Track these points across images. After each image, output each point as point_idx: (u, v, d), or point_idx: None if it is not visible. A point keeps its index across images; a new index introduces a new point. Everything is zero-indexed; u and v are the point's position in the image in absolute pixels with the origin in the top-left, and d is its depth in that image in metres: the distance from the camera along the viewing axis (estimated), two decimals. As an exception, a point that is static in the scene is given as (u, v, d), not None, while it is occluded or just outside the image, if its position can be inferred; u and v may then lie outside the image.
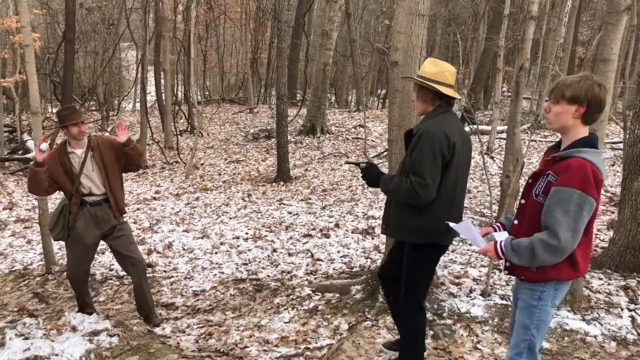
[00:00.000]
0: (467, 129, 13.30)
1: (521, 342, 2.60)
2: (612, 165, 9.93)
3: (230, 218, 8.25)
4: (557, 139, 2.64)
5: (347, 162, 3.61)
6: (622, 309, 4.22)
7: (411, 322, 3.32)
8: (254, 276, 5.64)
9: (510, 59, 21.58)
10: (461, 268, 5.30)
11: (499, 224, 2.79)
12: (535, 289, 2.55)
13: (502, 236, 2.58)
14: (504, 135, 10.29)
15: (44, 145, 4.03)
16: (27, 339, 3.52)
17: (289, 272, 5.71)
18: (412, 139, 3.07)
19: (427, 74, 3.07)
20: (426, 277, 3.32)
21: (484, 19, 19.10)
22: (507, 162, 6.51)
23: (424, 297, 3.43)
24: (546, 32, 15.49)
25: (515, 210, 2.68)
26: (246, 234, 7.27)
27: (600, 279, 4.81)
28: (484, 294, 4.59)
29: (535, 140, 12.30)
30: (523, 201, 2.60)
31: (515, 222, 2.63)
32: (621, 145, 10.04)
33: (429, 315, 4.22)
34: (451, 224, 2.71)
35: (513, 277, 4.93)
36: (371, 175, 3.22)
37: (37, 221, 6.57)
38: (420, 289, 3.31)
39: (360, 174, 3.29)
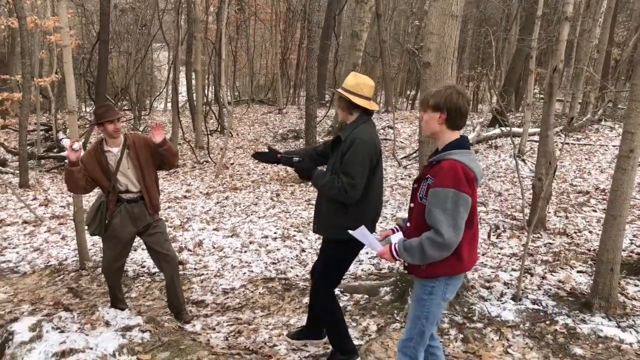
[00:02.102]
0: (498, 130, 13.16)
1: (412, 330, 2.80)
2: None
3: (259, 217, 8.31)
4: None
5: (257, 155, 3.68)
6: (658, 317, 4.12)
7: (326, 308, 3.58)
8: (282, 275, 5.67)
9: (542, 61, 21.24)
10: (492, 272, 5.25)
11: (397, 226, 2.95)
12: (427, 285, 2.73)
13: (397, 238, 2.75)
14: (535, 138, 10.14)
15: (77, 145, 4.08)
16: (62, 332, 3.60)
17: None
18: (339, 144, 3.34)
19: (347, 86, 3.34)
20: (343, 270, 3.60)
21: (516, 20, 18.84)
22: (540, 165, 6.43)
23: (336, 285, 3.68)
24: (580, 33, 15.19)
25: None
26: (275, 233, 7.31)
27: (636, 285, 4.70)
28: (515, 298, 4.53)
29: (568, 143, 12.09)
30: (412, 205, 2.78)
31: (408, 224, 2.83)
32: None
33: (458, 319, 4.19)
34: (350, 231, 2.85)
35: (544, 282, 4.87)
36: (304, 169, 3.48)
37: (72, 218, 6.71)
38: (334, 280, 3.59)
39: (294, 168, 3.57)
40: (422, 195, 2.68)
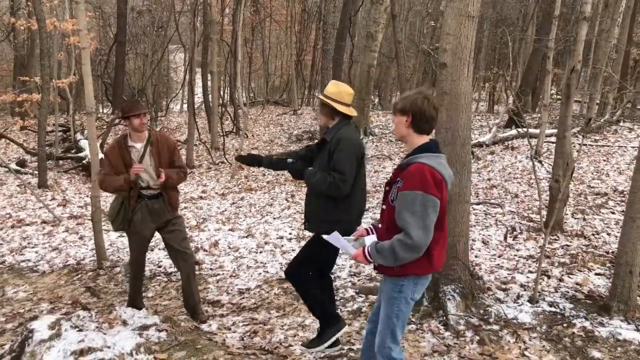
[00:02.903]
0: (514, 131, 13.06)
1: (385, 329, 2.85)
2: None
3: (274, 218, 8.34)
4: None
5: (237, 159, 4.10)
6: (678, 320, 4.07)
7: (302, 285, 3.83)
8: (298, 276, 5.68)
9: (559, 61, 21.03)
10: (508, 274, 5.21)
11: (371, 227, 3.02)
12: (397, 283, 2.80)
13: (371, 240, 2.83)
14: (552, 139, 10.04)
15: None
16: (81, 330, 3.64)
17: (332, 273, 5.72)
18: (324, 146, 3.62)
19: (329, 94, 3.64)
20: (323, 261, 3.82)
21: (532, 20, 18.67)
22: (557, 167, 6.38)
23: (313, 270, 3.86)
24: (599, 32, 15.01)
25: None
26: (290, 234, 7.33)
27: (655, 288, 4.64)
28: (532, 300, 4.50)
29: (586, 145, 11.95)
30: (384, 206, 2.86)
31: (380, 225, 2.91)
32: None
33: (474, 321, 4.17)
34: (324, 236, 2.97)
35: (561, 285, 4.83)
36: (297, 170, 3.73)
37: (90, 218, 6.79)
38: (312, 267, 3.81)
39: (287, 170, 3.82)
40: (393, 198, 2.74)
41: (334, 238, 2.95)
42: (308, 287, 3.84)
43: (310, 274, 3.83)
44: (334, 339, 3.80)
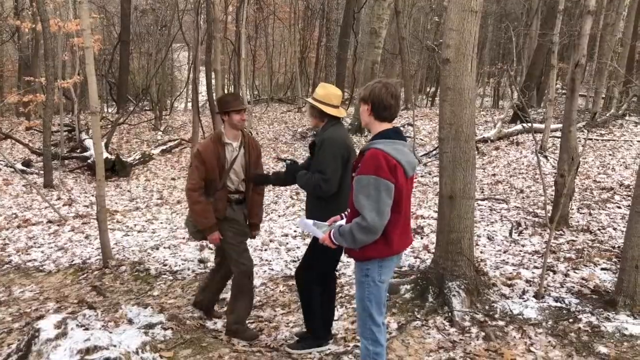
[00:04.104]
0: (519, 127, 13.01)
1: (362, 313, 2.99)
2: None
3: (279, 216, 8.34)
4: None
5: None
6: (685, 315, 4.05)
7: (303, 292, 3.93)
8: (303, 274, 5.68)
9: (564, 56, 20.94)
10: (513, 269, 5.20)
11: (345, 213, 3.21)
12: (362, 267, 2.94)
13: (339, 225, 3.00)
14: (558, 134, 10.00)
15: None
16: (87, 329, 3.65)
17: (337, 270, 5.71)
18: (314, 148, 3.72)
19: (317, 96, 3.73)
20: (326, 261, 3.86)
21: (537, 15, 18.59)
22: (562, 161, 6.35)
23: (317, 274, 3.92)
24: (604, 26, 14.94)
25: None
26: (294, 231, 7.32)
27: (662, 283, 4.61)
28: (537, 295, 4.48)
29: (591, 139, 11.90)
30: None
31: (348, 210, 3.05)
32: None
33: (480, 316, 4.16)
34: (296, 222, 3.11)
35: (567, 280, 4.81)
36: (290, 170, 3.87)
37: (95, 217, 6.81)
38: (316, 268, 3.88)
39: (286, 171, 3.93)
40: None
41: (304, 224, 3.14)
42: (309, 297, 3.91)
43: (315, 279, 3.89)
44: (311, 350, 3.89)
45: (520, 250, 5.85)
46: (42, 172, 11.86)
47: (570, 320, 4.09)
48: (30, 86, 16.13)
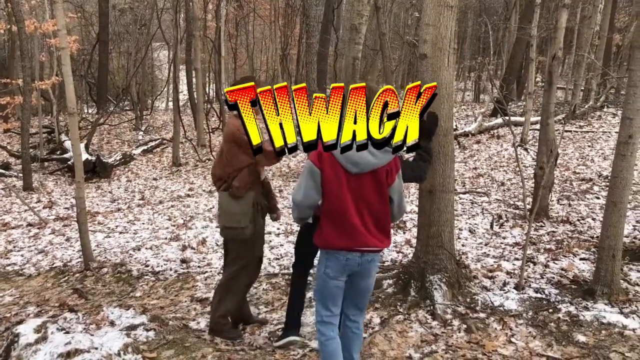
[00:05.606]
0: (500, 120, 13.12)
1: (316, 301, 3.13)
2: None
3: (262, 214, 8.31)
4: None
5: None
6: (662, 302, 4.12)
7: (294, 292, 4.04)
8: (286, 271, 5.68)
9: (543, 49, 21.13)
10: (494, 261, 5.25)
11: None
12: (320, 258, 3.06)
13: None
14: (538, 127, 10.11)
15: None
16: (67, 332, 3.62)
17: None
18: None
19: None
20: (307, 250, 3.93)
21: (515, 9, 18.74)
22: (541, 154, 6.42)
23: (302, 264, 4.11)
24: (581, 19, 15.10)
25: None
26: (278, 229, 7.32)
27: (639, 271, 4.70)
28: (518, 287, 4.53)
29: (570, 131, 12.04)
30: None
31: None
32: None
33: (461, 309, 4.20)
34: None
35: (547, 271, 4.87)
36: None
37: (76, 219, 6.74)
38: (299, 258, 4.06)
39: None
40: None
41: None
42: (296, 289, 4.03)
43: (304, 273, 4.04)
44: (284, 341, 3.92)
45: (502, 243, 5.91)
46: (21, 174, 11.72)
47: (550, 310, 4.14)
48: (7, 88, 15.91)
